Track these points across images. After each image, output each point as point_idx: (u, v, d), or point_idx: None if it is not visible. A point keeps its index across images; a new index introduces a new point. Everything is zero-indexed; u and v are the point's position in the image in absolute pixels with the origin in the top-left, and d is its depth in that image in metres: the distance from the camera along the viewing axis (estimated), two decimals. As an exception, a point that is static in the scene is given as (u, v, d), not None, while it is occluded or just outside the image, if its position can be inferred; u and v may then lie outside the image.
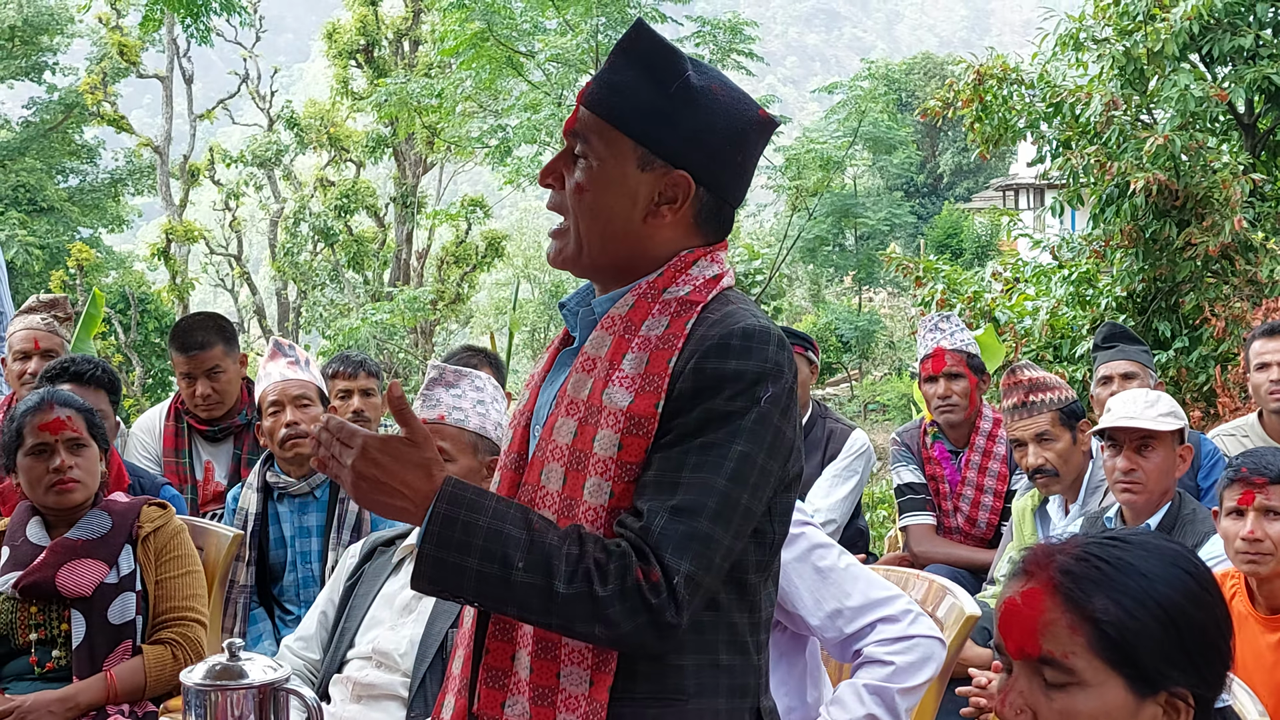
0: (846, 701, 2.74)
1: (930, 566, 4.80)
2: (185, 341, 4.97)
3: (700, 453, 1.91)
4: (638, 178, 2.03)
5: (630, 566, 1.86)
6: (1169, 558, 1.69)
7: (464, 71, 14.77)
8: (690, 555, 1.87)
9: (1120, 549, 1.69)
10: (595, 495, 1.96)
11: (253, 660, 2.44)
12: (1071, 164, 8.69)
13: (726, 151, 2.05)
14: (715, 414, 1.92)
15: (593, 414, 1.98)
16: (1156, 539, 1.74)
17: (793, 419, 1.99)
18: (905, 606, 2.82)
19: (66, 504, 3.61)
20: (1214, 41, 8.96)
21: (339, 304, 25.32)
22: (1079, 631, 1.65)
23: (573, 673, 1.95)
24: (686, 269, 2.05)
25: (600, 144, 2.04)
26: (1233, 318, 8.10)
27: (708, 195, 2.06)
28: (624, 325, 2.03)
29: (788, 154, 16.46)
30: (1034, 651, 1.68)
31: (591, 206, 2.05)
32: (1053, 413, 4.41)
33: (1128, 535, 1.73)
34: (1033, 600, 1.68)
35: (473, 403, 3.35)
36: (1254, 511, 3.36)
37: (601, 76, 2.06)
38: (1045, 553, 1.72)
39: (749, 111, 2.06)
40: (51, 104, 29.11)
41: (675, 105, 2.01)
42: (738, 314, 1.99)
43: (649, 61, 2.02)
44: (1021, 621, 1.69)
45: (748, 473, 1.92)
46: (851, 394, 25.33)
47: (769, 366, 1.94)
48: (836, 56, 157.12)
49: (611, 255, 2.08)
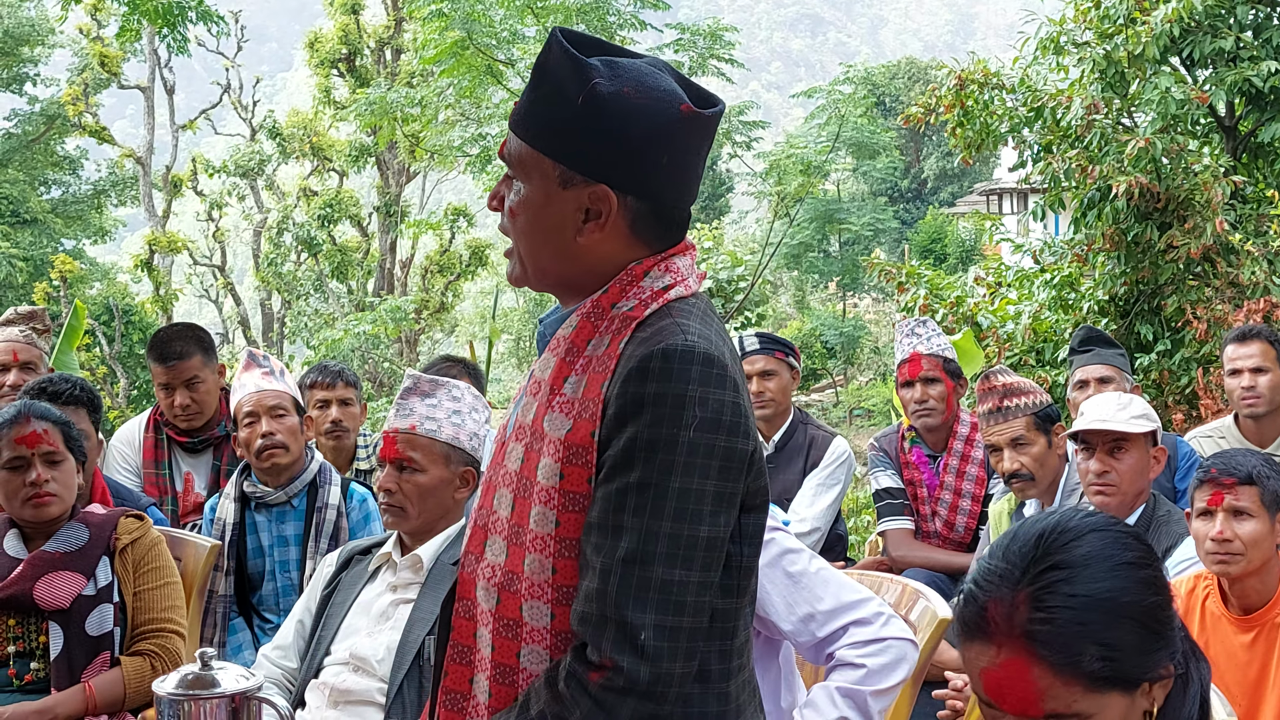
0: (820, 704, 2.75)
1: (908, 570, 4.82)
2: (163, 352, 4.96)
3: (638, 494, 1.86)
4: (561, 197, 1.97)
5: (581, 680, 1.85)
6: (1108, 556, 1.71)
7: (445, 80, 14.73)
8: (653, 605, 1.84)
9: (1067, 578, 1.69)
10: (540, 524, 1.93)
11: (225, 669, 2.44)
12: (1053, 168, 8.70)
13: (648, 154, 1.95)
14: (641, 443, 1.86)
15: (536, 440, 1.96)
16: (1087, 534, 1.73)
17: (744, 432, 1.92)
18: (877, 609, 2.83)
19: (43, 517, 3.61)
20: (1194, 44, 8.97)
21: (323, 314, 25.27)
22: (1075, 684, 1.67)
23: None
24: (636, 281, 2.00)
25: (525, 168, 1.99)
26: (1214, 320, 8.12)
27: (637, 203, 1.98)
28: (566, 347, 2.00)
29: (769, 160, 16.44)
30: (1038, 714, 1.69)
31: (525, 230, 2.02)
32: (1028, 417, 4.43)
33: (1062, 551, 1.71)
34: (1017, 673, 1.69)
35: (448, 413, 3.36)
36: (1223, 512, 3.38)
37: (523, 97, 2.01)
38: (1002, 614, 1.70)
39: (670, 108, 1.94)
40: (33, 115, 29.05)
41: (583, 117, 1.92)
42: (666, 330, 1.91)
43: (558, 76, 1.94)
44: (1016, 693, 1.69)
45: (695, 508, 1.86)
46: (836, 400, 25.33)
47: (689, 389, 1.86)
48: (821, 62, 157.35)
49: (554, 275, 2.04)
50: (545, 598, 1.92)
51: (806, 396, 24.97)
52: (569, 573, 1.91)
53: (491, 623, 1.97)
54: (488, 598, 1.98)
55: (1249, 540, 3.36)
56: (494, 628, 1.97)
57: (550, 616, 1.92)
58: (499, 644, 1.96)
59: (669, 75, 2.00)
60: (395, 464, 3.33)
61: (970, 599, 1.75)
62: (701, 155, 2.03)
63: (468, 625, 2.02)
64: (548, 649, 1.93)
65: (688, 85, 2.01)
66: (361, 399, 5.34)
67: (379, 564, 3.40)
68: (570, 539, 1.91)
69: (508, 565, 1.95)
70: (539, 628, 1.93)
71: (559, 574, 1.91)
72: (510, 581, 1.95)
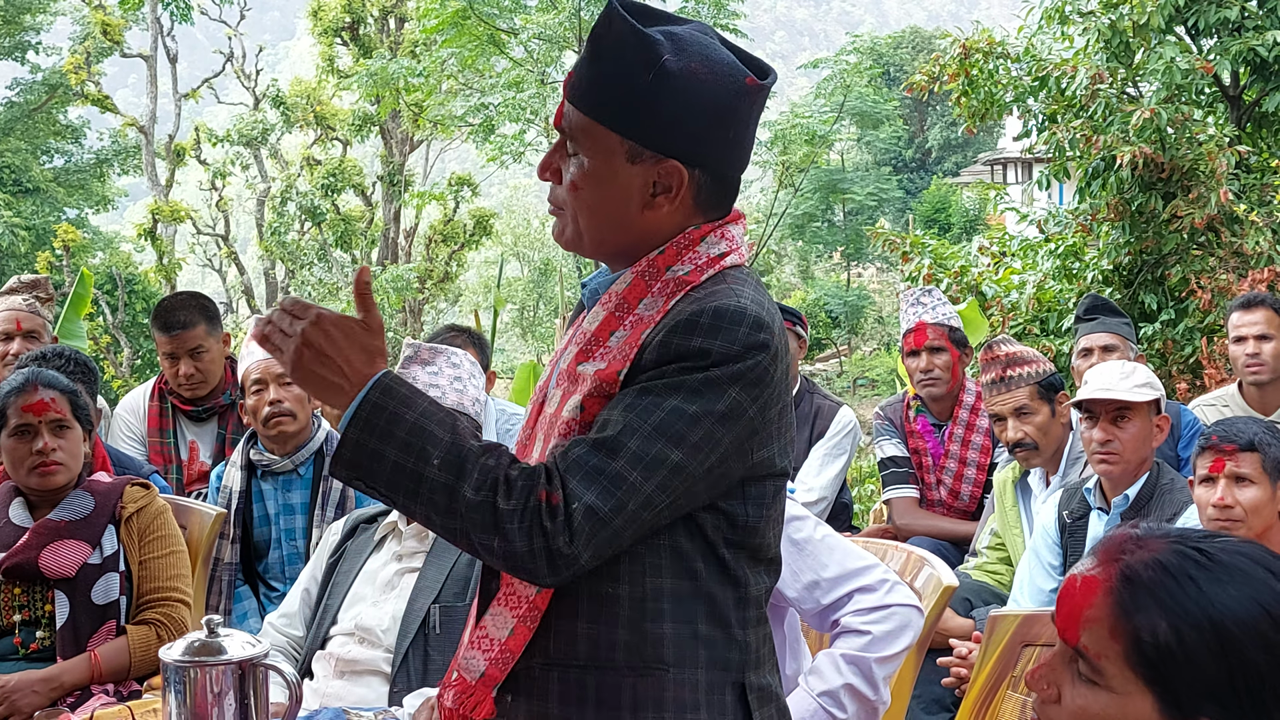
0: (824, 671, 2.76)
1: (913, 539, 4.83)
2: (167, 321, 4.96)
3: (636, 396, 1.89)
4: (629, 171, 1.98)
5: (536, 487, 1.85)
6: (1253, 587, 1.56)
7: (446, 50, 14.68)
8: (597, 489, 1.85)
9: (1198, 565, 1.58)
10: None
11: (231, 636, 2.44)
12: (1057, 138, 8.68)
13: (715, 130, 1.98)
14: (665, 375, 1.90)
15: (571, 384, 2.00)
16: (1254, 562, 1.60)
17: (766, 403, 1.94)
18: (882, 576, 2.83)
19: (49, 485, 3.61)
20: (1199, 13, 8.93)
21: (327, 283, 25.26)
22: (1118, 639, 1.58)
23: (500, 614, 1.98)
24: (693, 246, 2.02)
25: (588, 141, 1.99)
26: (1218, 290, 8.12)
27: (704, 176, 2.00)
28: (618, 302, 2.01)
29: (774, 129, 16.41)
30: (1072, 639, 1.63)
31: (588, 203, 2.02)
32: (1031, 386, 4.43)
33: (1219, 551, 1.60)
34: (1088, 589, 1.62)
35: (450, 379, 3.36)
36: (1224, 479, 3.41)
37: (580, 69, 2.01)
38: (1122, 543, 1.64)
39: (735, 83, 1.97)
40: (35, 84, 28.94)
41: (655, 94, 1.94)
42: (722, 293, 1.94)
43: (622, 51, 1.94)
44: (1070, 606, 1.64)
45: (682, 429, 1.87)
46: (840, 369, 25.35)
47: (736, 349, 1.89)
48: (825, 31, 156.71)
49: (613, 244, 2.05)
50: None
51: (811, 366, 24.98)
52: None
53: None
54: None
55: (1250, 506, 3.39)
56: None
57: None
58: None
59: (720, 43, 2.02)
60: (405, 433, 3.32)
61: (1119, 529, 1.70)
62: (756, 123, 2.06)
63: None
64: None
65: (738, 52, 2.03)
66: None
67: (384, 533, 3.41)
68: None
69: None
70: None
71: None
72: None
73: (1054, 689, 1.66)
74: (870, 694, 2.76)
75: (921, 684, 3.41)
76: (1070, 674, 1.64)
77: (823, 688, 2.75)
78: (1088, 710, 1.62)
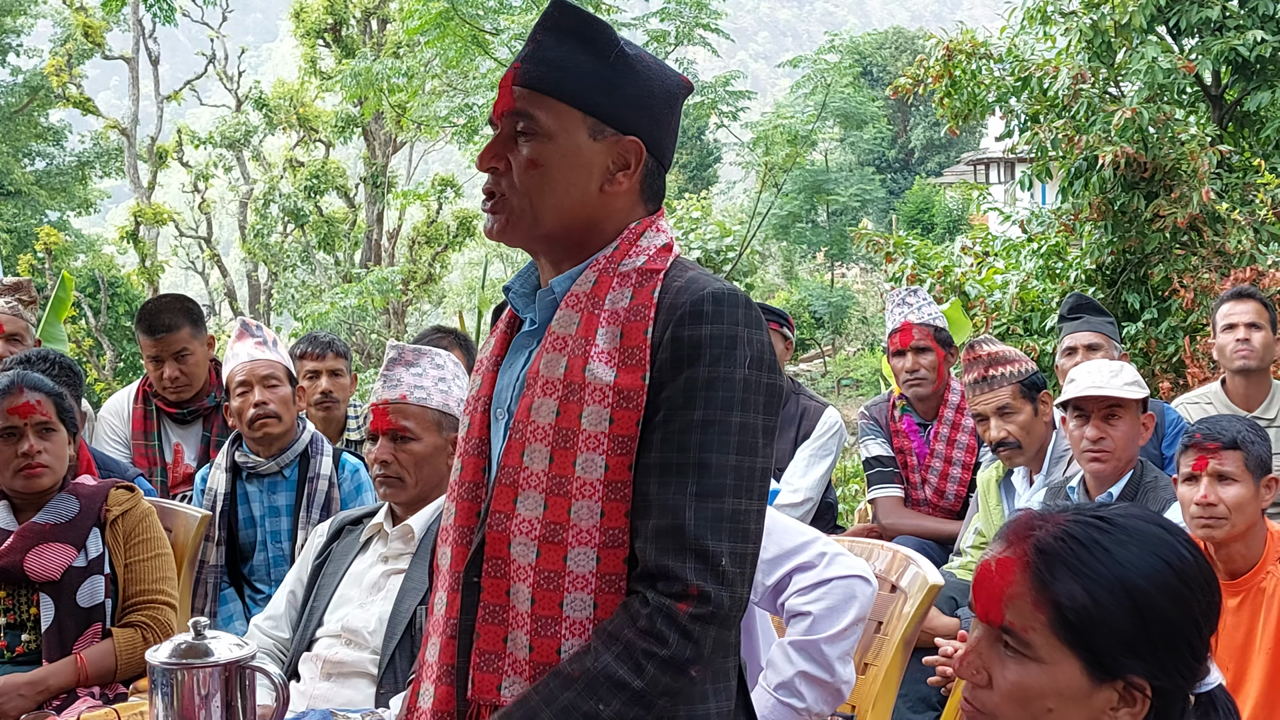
0: (777, 663, 2.74)
1: (898, 538, 4.84)
2: (152, 324, 4.95)
3: (703, 431, 1.95)
4: (591, 148, 2.07)
5: (669, 612, 1.92)
6: (1152, 545, 1.69)
7: (430, 51, 14.65)
8: (726, 534, 1.94)
9: (1102, 531, 1.69)
10: (588, 470, 1.98)
11: (218, 638, 2.44)
12: (1040, 138, 8.71)
13: (666, 116, 2.12)
14: (701, 382, 1.96)
15: (574, 391, 2.01)
16: (1149, 523, 1.72)
17: (777, 368, 2.03)
18: (820, 550, 2.80)
19: (34, 488, 3.60)
20: (1181, 13, 8.97)
21: (310, 285, 25.18)
22: (1041, 610, 1.67)
23: (574, 645, 1.99)
24: (636, 240, 2.10)
25: (548, 119, 2.07)
26: (1201, 289, 8.15)
27: (651, 161, 2.12)
28: (589, 301, 2.05)
29: (757, 130, 16.38)
30: (997, 620, 1.71)
31: (548, 180, 2.07)
32: (1013, 385, 4.45)
33: (1116, 516, 1.72)
34: (1004, 570, 1.71)
35: (434, 380, 3.36)
36: (1207, 476, 3.43)
37: (533, 56, 2.08)
38: (1028, 523, 1.74)
39: (675, 78, 2.13)
40: (16, 86, 28.79)
41: (617, 73, 2.07)
42: (701, 280, 2.03)
43: (582, 34, 2.06)
44: (990, 588, 1.72)
45: (752, 440, 1.97)
46: (825, 370, 25.34)
47: (740, 328, 1.98)
48: (808, 31, 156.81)
49: (566, 227, 2.10)
50: (592, 542, 1.98)
51: (795, 366, 24.99)
52: (616, 515, 1.98)
53: (531, 576, 2.00)
54: (525, 553, 2.01)
55: (1233, 504, 3.40)
56: (534, 581, 2.00)
57: (596, 560, 1.98)
58: (540, 596, 2.00)
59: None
60: (389, 435, 3.32)
61: (1018, 513, 1.80)
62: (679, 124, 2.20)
63: (500, 584, 2.04)
64: (592, 593, 1.98)
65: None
66: (351, 370, 5.34)
67: (370, 535, 3.41)
68: (616, 482, 1.98)
69: (548, 517, 1.99)
70: (583, 574, 1.98)
71: (606, 517, 1.98)
72: (553, 533, 1.99)
73: (984, 674, 1.73)
74: (825, 676, 2.72)
75: (908, 683, 3.41)
76: (997, 654, 1.72)
77: (777, 680, 2.73)
78: (1021, 684, 1.69)
